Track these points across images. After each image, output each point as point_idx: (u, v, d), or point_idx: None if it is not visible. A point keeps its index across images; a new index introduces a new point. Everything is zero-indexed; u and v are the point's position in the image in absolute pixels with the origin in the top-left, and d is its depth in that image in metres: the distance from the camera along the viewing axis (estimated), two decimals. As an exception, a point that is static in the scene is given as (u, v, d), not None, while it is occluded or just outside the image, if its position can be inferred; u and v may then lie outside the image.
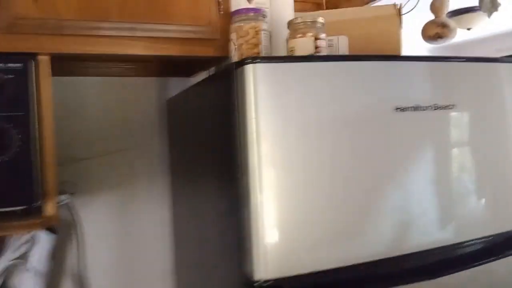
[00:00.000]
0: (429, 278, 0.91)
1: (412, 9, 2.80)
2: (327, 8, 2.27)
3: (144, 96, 1.52)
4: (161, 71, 1.51)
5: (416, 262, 0.93)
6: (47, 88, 1.04)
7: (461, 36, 3.63)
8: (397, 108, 0.89)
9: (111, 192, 1.48)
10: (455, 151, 0.98)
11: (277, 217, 0.81)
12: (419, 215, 0.93)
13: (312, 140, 0.83)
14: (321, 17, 1.11)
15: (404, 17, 1.69)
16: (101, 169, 1.47)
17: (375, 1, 2.16)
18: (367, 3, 2.15)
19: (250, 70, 0.77)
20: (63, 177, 1.37)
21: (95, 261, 1.47)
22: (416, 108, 0.90)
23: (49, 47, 1.03)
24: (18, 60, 0.99)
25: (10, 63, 0.98)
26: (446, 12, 2.69)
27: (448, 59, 0.97)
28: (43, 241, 1.31)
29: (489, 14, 2.79)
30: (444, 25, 2.63)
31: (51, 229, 1.31)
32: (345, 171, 0.86)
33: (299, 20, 1.10)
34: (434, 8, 2.69)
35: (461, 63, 0.98)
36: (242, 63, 0.79)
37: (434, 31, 2.65)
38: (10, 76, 0.98)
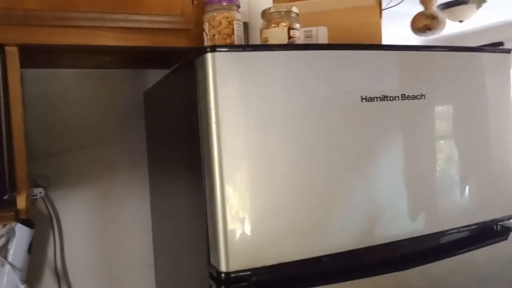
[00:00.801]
0: (397, 270, 0.90)
1: (400, 2, 2.78)
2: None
3: (122, 88, 1.51)
4: (140, 63, 1.49)
5: (384, 254, 0.92)
6: (16, 80, 1.03)
7: (455, 28, 3.62)
8: (363, 98, 0.87)
9: (89, 185, 1.47)
10: (424, 141, 0.96)
11: (241, 210, 0.80)
12: (387, 206, 0.92)
13: (274, 131, 0.81)
14: (295, 7, 1.09)
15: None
16: (78, 162, 1.45)
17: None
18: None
19: (209, 59, 0.76)
20: (39, 170, 1.37)
21: (74, 255, 1.46)
22: (383, 98, 0.88)
23: (16, 38, 1.02)
24: (-17, 51, 0.97)
25: (-26, 54, 0.96)
26: (435, 4, 2.68)
27: (417, 49, 0.95)
28: (20, 235, 1.30)
29: (478, 6, 2.78)
30: (432, 17, 2.62)
31: (28, 223, 1.29)
32: (309, 162, 0.84)
33: (272, 10, 1.08)
34: (423, 0, 2.67)
35: (432, 52, 0.97)
36: (201, 52, 0.77)
37: (423, 23, 2.64)
38: (-25, 68, 0.96)
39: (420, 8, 2.58)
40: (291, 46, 0.82)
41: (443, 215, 0.98)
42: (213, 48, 0.75)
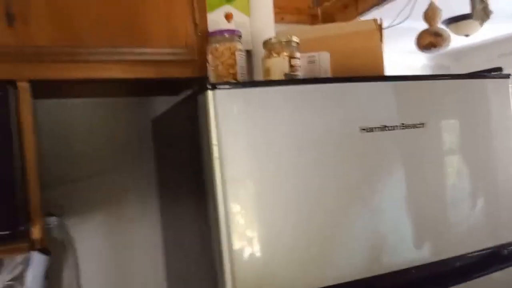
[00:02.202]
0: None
1: (405, 20, 2.81)
2: (322, 19, 2.29)
3: (131, 116, 1.54)
4: (147, 91, 1.53)
5: (392, 282, 0.92)
6: (28, 114, 1.07)
7: (461, 42, 3.62)
8: (362, 129, 0.89)
9: (102, 212, 1.50)
10: (426, 169, 0.98)
11: (243, 241, 0.81)
12: (391, 234, 0.93)
13: (277, 162, 0.83)
14: (295, 37, 1.12)
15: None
16: (90, 190, 1.48)
17: (368, 12, 2.18)
18: (361, 13, 2.17)
19: (210, 97, 0.79)
20: (53, 199, 1.40)
21: (90, 280, 1.48)
22: (383, 128, 0.90)
23: (28, 74, 1.06)
24: (-3, 87, 1.01)
25: (-12, 91, 1.00)
26: (439, 21, 2.70)
27: (415, 78, 0.98)
28: (37, 262, 1.32)
29: (481, 22, 2.78)
30: (437, 34, 2.64)
31: (44, 250, 1.32)
32: (311, 193, 0.86)
33: (273, 40, 1.11)
34: (427, 17, 2.70)
35: (430, 81, 0.99)
36: (202, 89, 0.80)
37: (428, 40, 2.66)
38: (-11, 104, 1.00)
39: (424, 24, 2.60)
40: (289, 81, 0.85)
41: (448, 242, 0.99)
42: (214, 86, 0.78)
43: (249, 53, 1.30)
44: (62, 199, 1.42)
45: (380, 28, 1.41)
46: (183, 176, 1.10)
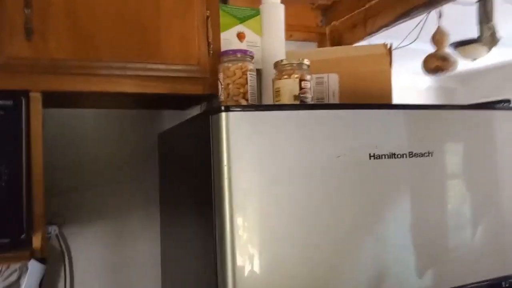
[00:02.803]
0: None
1: (412, 42, 2.82)
2: (330, 38, 2.32)
3: (138, 128, 1.55)
4: (155, 104, 1.54)
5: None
6: (38, 124, 1.07)
7: (468, 65, 3.65)
8: (371, 156, 0.90)
9: (102, 223, 1.50)
10: (432, 198, 0.98)
11: (249, 264, 0.81)
12: (395, 263, 0.93)
13: (285, 187, 0.84)
14: (306, 59, 1.13)
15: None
16: (92, 200, 1.48)
17: (376, 33, 2.20)
18: (369, 34, 2.19)
19: (223, 118, 0.80)
20: (54, 207, 1.40)
21: (84, 291, 1.48)
22: (391, 156, 0.91)
23: (41, 85, 1.07)
24: (10, 97, 1.02)
25: (1, 100, 1.01)
26: (446, 45, 2.72)
27: (424, 108, 0.99)
28: (33, 270, 1.33)
29: (489, 48, 2.80)
30: (444, 58, 2.66)
31: (40, 259, 1.32)
32: (317, 218, 0.86)
33: (285, 62, 1.12)
34: (434, 41, 2.72)
35: (439, 111, 1.00)
36: (216, 110, 0.81)
37: (434, 64, 2.68)
38: (1, 112, 1.01)
39: (431, 45, 2.62)
40: (301, 105, 0.86)
41: (452, 271, 0.99)
42: (227, 108, 0.79)
43: (258, 72, 1.31)
44: (63, 207, 1.43)
45: (389, 52, 1.42)
46: (188, 192, 1.11)
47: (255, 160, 0.82)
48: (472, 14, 2.69)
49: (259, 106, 0.83)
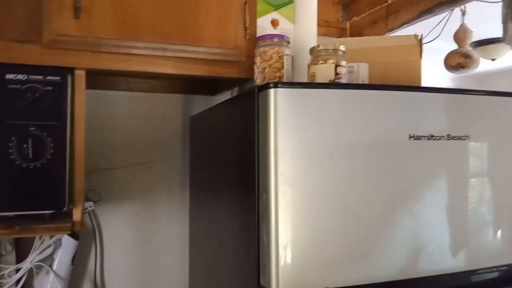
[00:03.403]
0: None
1: (435, 39, 2.82)
2: (351, 33, 2.33)
3: (169, 112, 1.59)
4: (186, 89, 1.58)
5: (425, 286, 0.95)
6: (82, 101, 1.11)
7: (486, 66, 3.64)
8: (411, 136, 0.92)
9: (132, 202, 1.54)
10: (468, 181, 1.01)
11: (292, 235, 0.85)
12: (430, 241, 0.96)
13: (328, 163, 0.87)
14: (342, 45, 1.16)
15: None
16: (124, 179, 1.53)
17: (397, 30, 2.21)
18: (390, 30, 2.20)
19: (272, 94, 0.82)
20: (88, 186, 1.44)
21: (113, 268, 1.53)
22: (430, 137, 0.94)
23: (86, 62, 1.11)
24: (57, 73, 1.06)
25: (49, 76, 1.05)
26: (469, 42, 2.72)
27: (464, 92, 1.01)
28: (66, 246, 1.37)
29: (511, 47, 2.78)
30: (466, 56, 2.66)
31: (74, 235, 1.37)
32: (359, 195, 0.89)
33: (321, 47, 1.15)
34: (457, 38, 2.72)
35: (477, 96, 1.02)
36: (265, 87, 0.84)
37: (457, 61, 2.68)
38: (49, 88, 1.05)
39: (453, 45, 2.62)
40: (346, 85, 0.88)
41: (481, 252, 1.01)
42: (276, 84, 0.82)
43: (291, 59, 1.34)
44: (97, 186, 1.47)
45: (420, 43, 1.44)
46: (226, 171, 1.13)
47: (300, 136, 0.84)
48: (496, 13, 2.68)
49: (305, 84, 0.85)
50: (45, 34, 1.05)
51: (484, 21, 2.61)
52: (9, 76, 1.03)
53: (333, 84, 0.87)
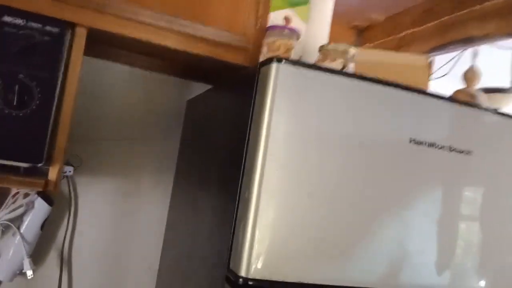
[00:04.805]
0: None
1: (444, 75, 2.82)
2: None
3: (167, 93, 1.56)
4: (188, 74, 1.55)
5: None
6: (78, 60, 1.08)
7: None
8: (411, 140, 0.89)
9: (114, 178, 1.49)
10: (464, 197, 0.96)
11: (273, 222, 0.80)
12: (416, 252, 0.91)
13: (320, 152, 0.82)
14: (353, 48, 1.13)
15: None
16: (110, 153, 1.48)
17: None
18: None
19: (274, 69, 0.78)
20: (73, 151, 1.40)
21: (83, 243, 1.46)
22: (431, 145, 0.90)
23: (89, 21, 1.07)
24: (57, 25, 1.03)
25: (49, 26, 1.02)
26: (477, 83, 2.71)
27: (474, 106, 0.98)
28: (38, 209, 1.31)
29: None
30: (472, 96, 2.65)
31: (48, 199, 1.31)
32: (348, 191, 0.85)
33: (331, 46, 1.12)
34: (466, 78, 2.71)
35: (486, 113, 0.99)
36: (267, 61, 0.80)
37: (463, 99, 2.67)
38: (46, 38, 1.02)
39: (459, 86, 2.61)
40: (354, 75, 0.85)
41: (467, 273, 0.96)
42: (280, 60, 0.78)
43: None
44: (81, 154, 1.42)
45: (430, 66, 1.42)
46: (214, 153, 1.09)
47: (296, 119, 0.80)
48: (507, 61, 2.69)
49: (312, 65, 0.81)
50: (51, -15, 1.02)
51: (496, 66, 2.61)
52: (7, 18, 0.99)
53: (339, 71, 0.84)
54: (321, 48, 1.14)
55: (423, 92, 0.92)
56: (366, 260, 0.86)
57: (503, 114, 1.02)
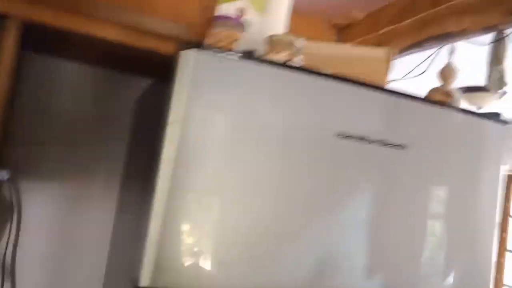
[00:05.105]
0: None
1: (422, 73, 2.80)
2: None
3: (116, 91, 1.49)
4: (134, 69, 1.49)
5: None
6: (9, 54, 1.02)
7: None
8: (338, 134, 0.83)
9: (60, 184, 1.42)
10: (397, 195, 0.89)
11: (180, 227, 0.74)
12: (344, 255, 0.84)
13: (238, 146, 0.76)
14: (300, 41, 1.09)
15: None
16: (54, 157, 1.42)
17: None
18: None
19: (192, 57, 0.73)
20: (17, 158, 1.33)
21: (28, 255, 1.38)
22: (361, 139, 0.84)
23: (23, 12, 1.02)
24: (-17, 17, 0.98)
25: (-27, 16, 0.97)
26: (453, 81, 2.68)
27: (409, 97, 0.92)
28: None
29: (495, 92, 2.77)
30: (448, 94, 2.62)
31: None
32: (269, 189, 0.78)
33: (276, 38, 1.08)
34: (442, 75, 2.68)
35: (423, 105, 0.93)
36: (185, 47, 0.75)
37: (439, 97, 2.63)
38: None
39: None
40: (276, 63, 0.80)
41: (398, 277, 0.90)
42: (201, 46, 0.73)
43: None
44: (24, 158, 1.36)
45: (388, 59, 1.38)
46: (145, 158, 1.03)
47: (216, 111, 0.75)
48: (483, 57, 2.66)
49: (233, 53, 0.76)
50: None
51: (474, 63, 2.58)
52: None
53: (260, 59, 0.79)
54: (268, 39, 1.10)
55: (351, 81, 0.86)
56: (288, 264, 0.79)
57: (439, 105, 0.97)
